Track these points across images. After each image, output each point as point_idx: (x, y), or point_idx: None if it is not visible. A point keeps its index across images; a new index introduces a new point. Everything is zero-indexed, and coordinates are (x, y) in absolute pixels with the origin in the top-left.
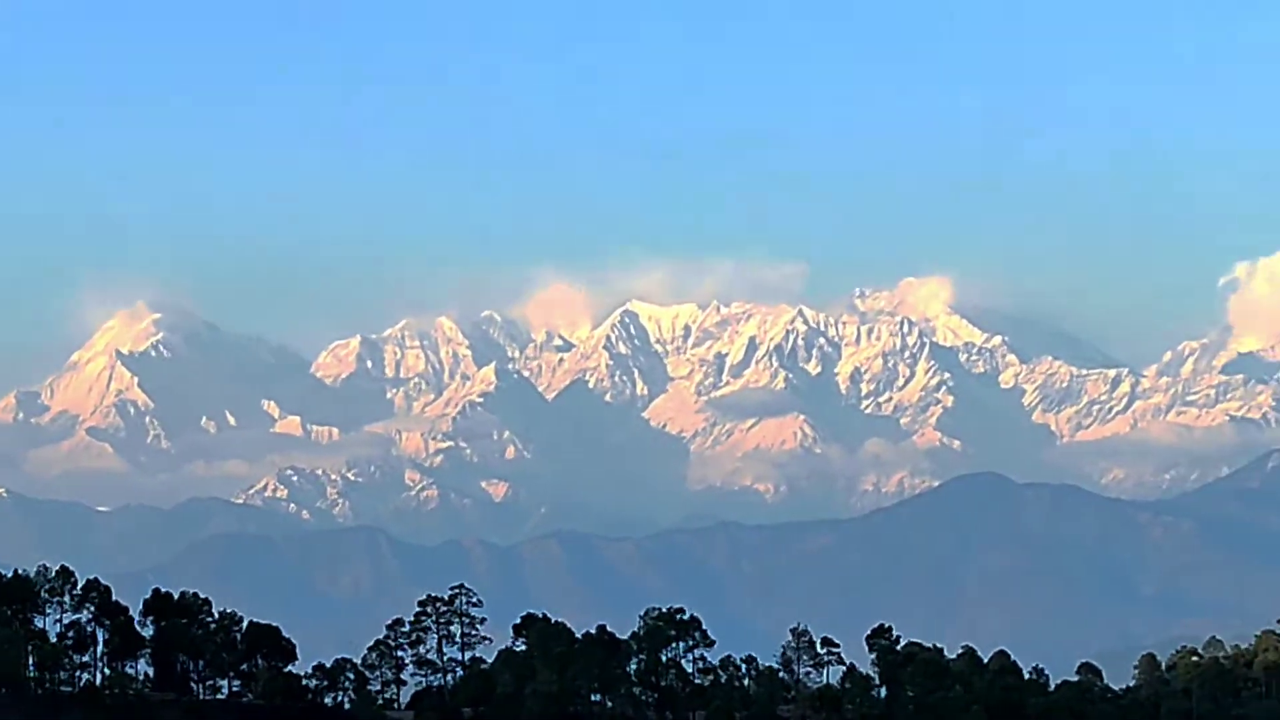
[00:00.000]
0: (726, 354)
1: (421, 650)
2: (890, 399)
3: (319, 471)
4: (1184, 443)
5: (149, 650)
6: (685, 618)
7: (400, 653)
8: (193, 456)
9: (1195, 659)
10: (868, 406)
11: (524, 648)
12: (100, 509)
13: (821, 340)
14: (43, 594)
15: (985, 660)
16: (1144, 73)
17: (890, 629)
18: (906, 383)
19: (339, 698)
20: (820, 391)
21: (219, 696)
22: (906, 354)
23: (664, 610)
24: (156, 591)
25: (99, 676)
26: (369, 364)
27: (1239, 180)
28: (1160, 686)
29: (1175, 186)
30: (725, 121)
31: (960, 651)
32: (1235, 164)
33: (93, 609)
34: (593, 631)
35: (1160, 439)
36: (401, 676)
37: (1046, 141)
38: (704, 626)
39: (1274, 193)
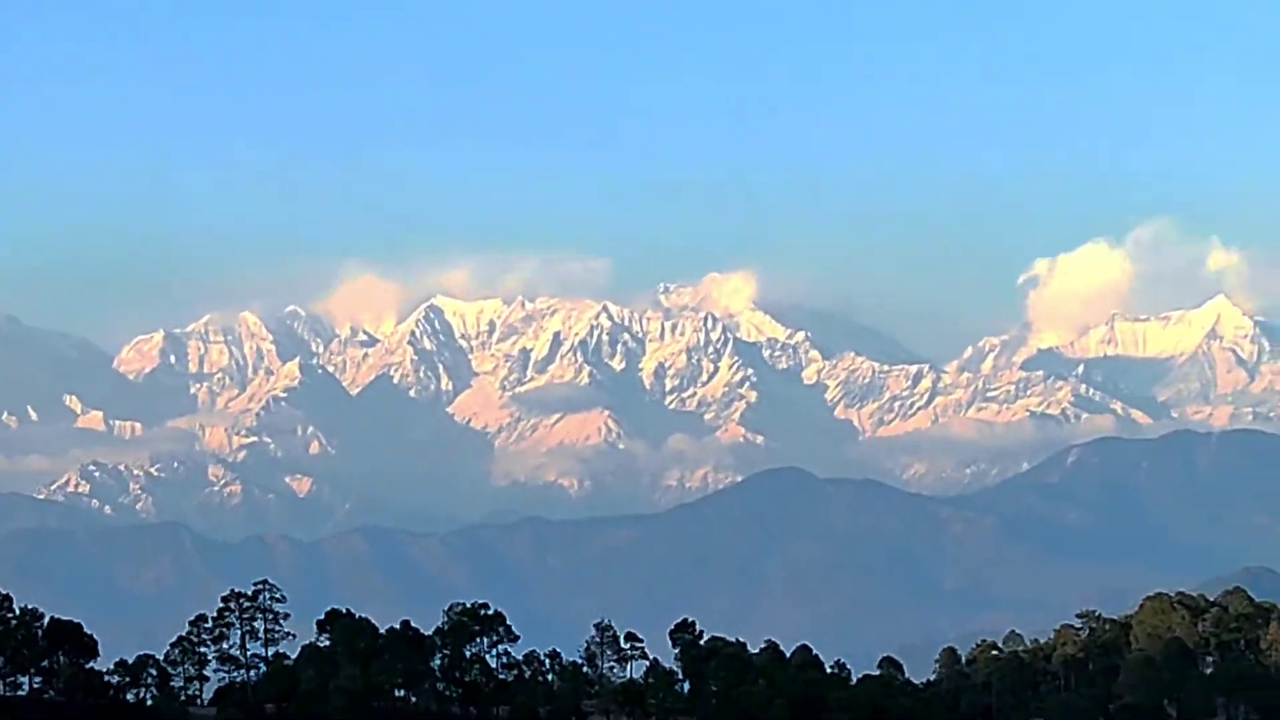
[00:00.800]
0: (531, 350)
1: (225, 646)
2: (694, 395)
3: (122, 467)
4: (985, 438)
5: None
6: (489, 613)
7: (203, 649)
8: None
9: (995, 653)
10: (672, 402)
11: (328, 643)
12: None
13: (626, 336)
14: None
15: (788, 655)
16: (941, 70)
17: (694, 624)
18: (710, 378)
19: (141, 694)
20: (624, 387)
21: (20, 693)
22: (710, 350)
23: (468, 605)
24: None
25: None
26: (172, 359)
27: (1039, 178)
28: (960, 680)
29: (976, 184)
30: (532, 117)
31: (763, 646)
32: (1035, 162)
33: None
34: (397, 627)
35: (961, 434)
36: (204, 673)
37: (847, 139)
38: (508, 622)
39: (1073, 190)
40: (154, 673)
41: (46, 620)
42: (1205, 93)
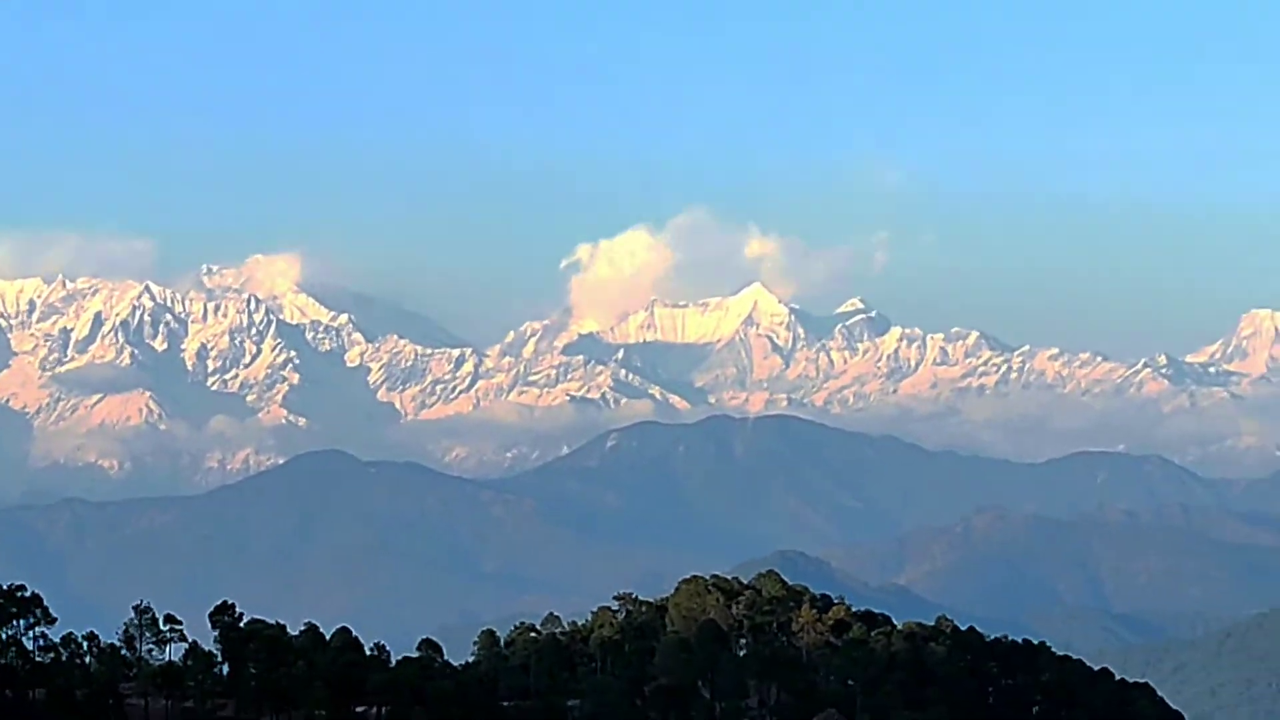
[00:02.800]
0: (72, 330)
1: None
2: (237, 376)
3: None
4: (525, 422)
5: None
6: (26, 595)
7: None
8: None
9: (533, 634)
10: (214, 383)
11: None
12: None
13: (168, 317)
14: None
15: (328, 637)
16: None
17: (233, 606)
18: (253, 360)
19: None
20: (166, 368)
21: None
22: (254, 331)
23: (4, 588)
24: None
25: None
26: None
27: (583, 164)
28: (499, 661)
29: (520, 169)
30: (71, 92)
31: (303, 628)
32: (578, 148)
33: None
34: None
35: (502, 418)
36: None
37: (393, 121)
38: (45, 604)
39: (616, 177)
40: None
41: None
42: (742, 83)
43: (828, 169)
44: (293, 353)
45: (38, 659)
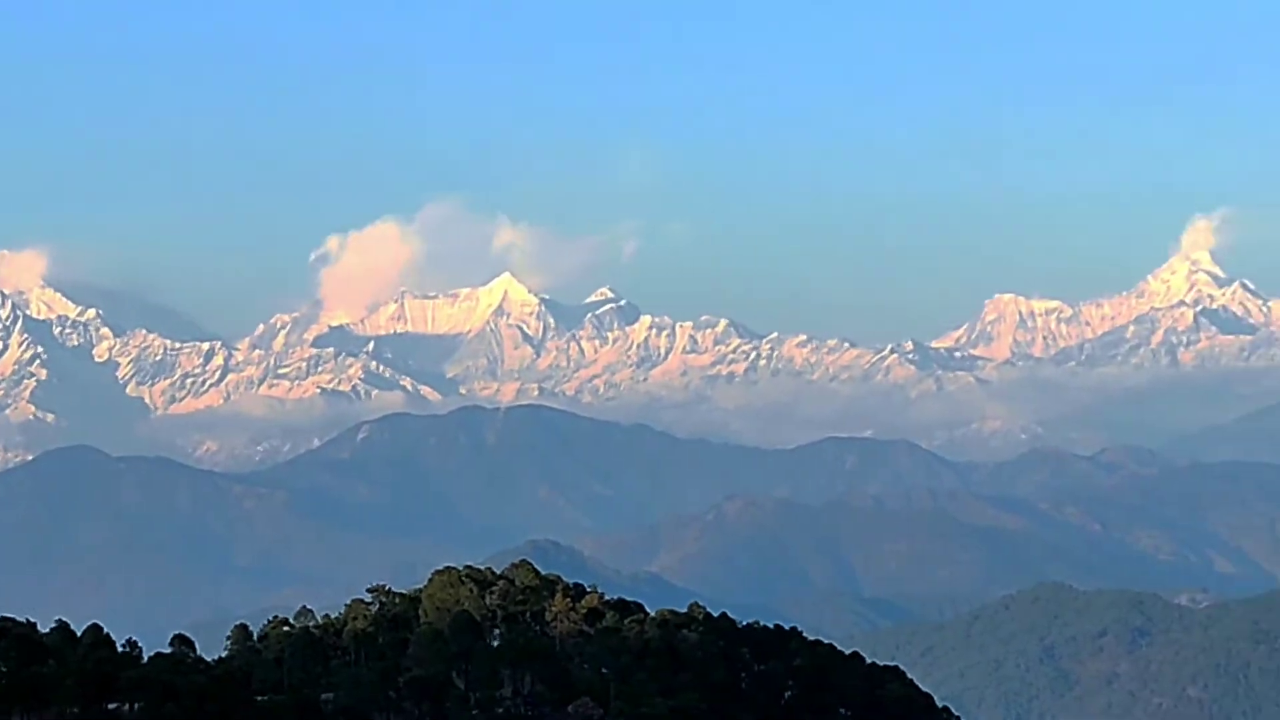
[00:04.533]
0: None
1: None
2: None
3: None
4: (276, 415)
5: None
6: None
7: None
8: None
9: (287, 628)
10: None
11: None
12: None
13: None
14: None
15: (79, 634)
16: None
17: None
18: (0, 356)
19: None
20: None
21: None
22: (0, 328)
23: None
24: None
25: None
26: None
27: (332, 155)
28: (252, 656)
29: (268, 159)
30: None
31: (54, 626)
32: (329, 138)
33: None
34: None
35: (253, 411)
36: None
37: (121, 112)
38: None
39: (365, 167)
40: None
41: None
42: (490, 72)
43: (578, 158)
44: (40, 348)
45: None
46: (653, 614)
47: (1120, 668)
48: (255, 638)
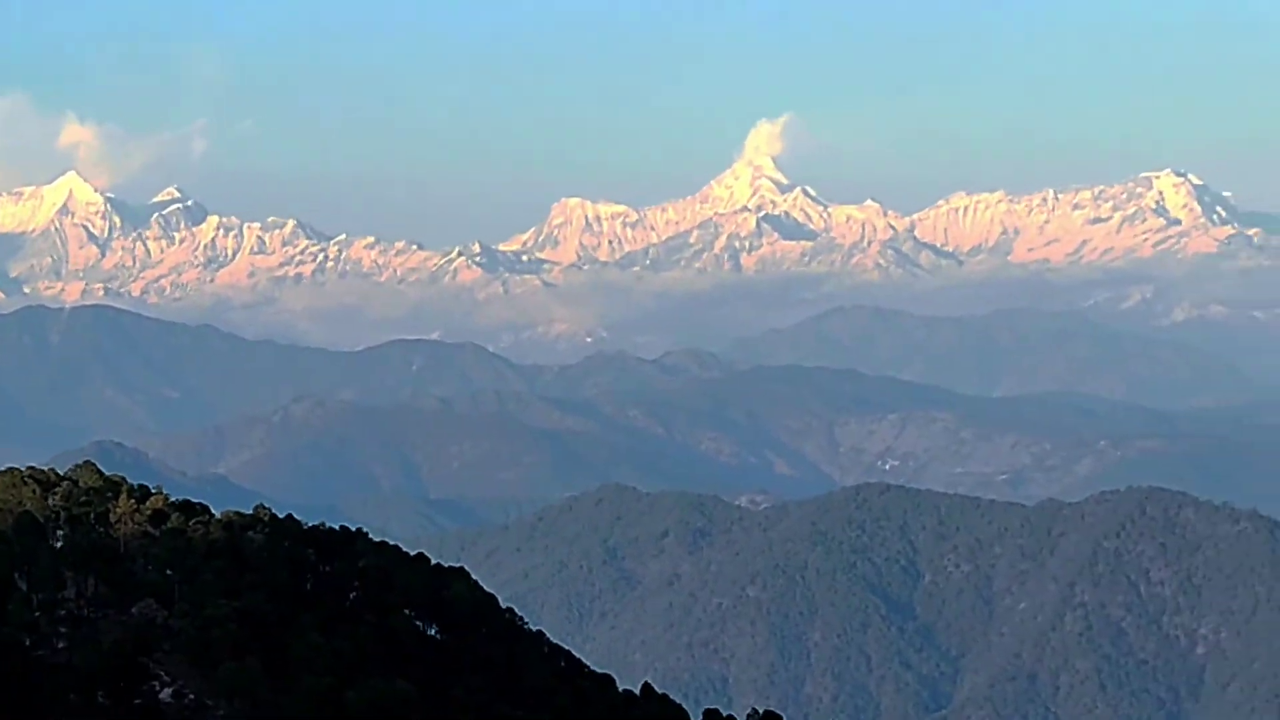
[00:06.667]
0: None
1: None
2: None
3: None
4: None
5: None
6: None
7: None
8: None
9: None
10: None
11: None
12: None
13: None
14: None
15: None
16: None
17: None
18: None
19: None
20: None
21: None
22: None
23: None
24: None
25: None
26: None
27: None
28: None
29: None
30: None
31: None
32: None
33: None
34: None
35: None
36: None
37: None
38: None
39: None
40: None
41: None
42: None
43: (147, 56)
44: None
45: None
46: (218, 515)
47: (682, 568)
48: None
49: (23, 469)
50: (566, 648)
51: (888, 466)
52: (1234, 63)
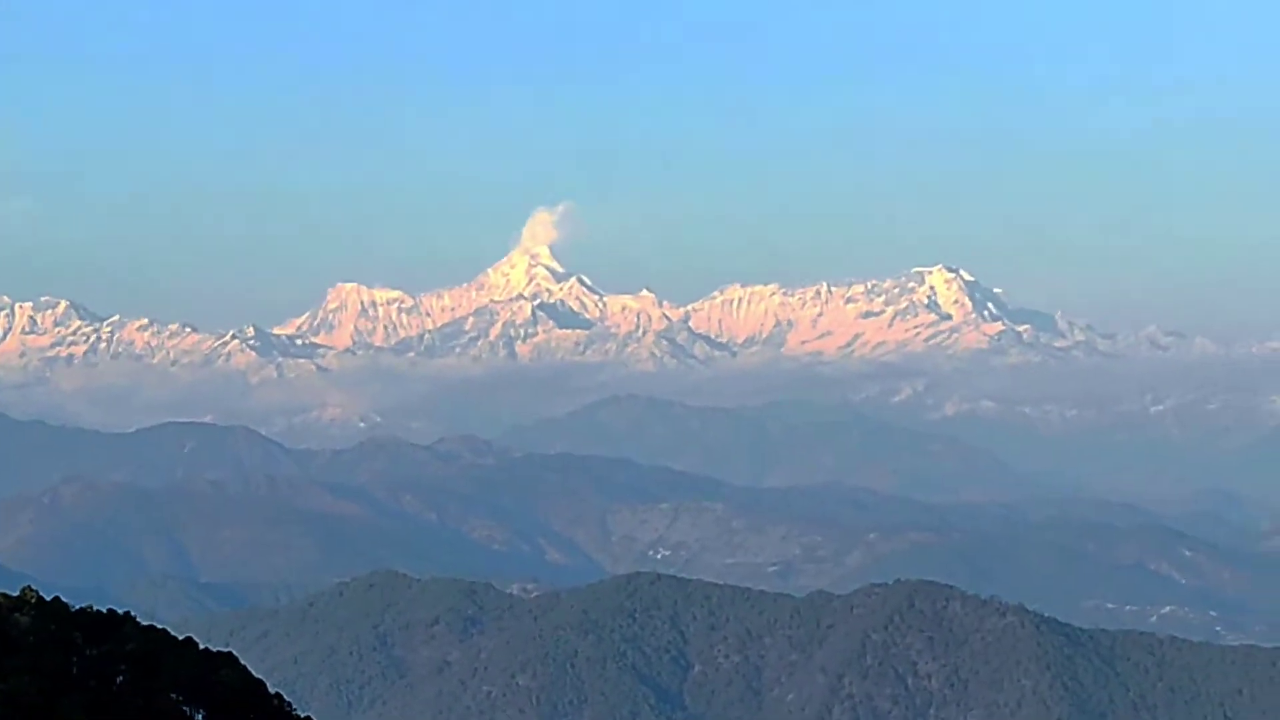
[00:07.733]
0: None
1: None
2: None
3: None
4: None
5: None
6: None
7: None
8: None
9: None
10: None
11: None
12: None
13: None
14: None
15: None
16: None
17: None
18: None
19: None
20: None
21: None
22: None
23: None
24: None
25: None
26: None
27: None
28: None
29: None
30: None
31: None
32: None
33: None
34: None
35: None
36: None
37: None
38: None
39: None
40: None
41: None
42: None
43: None
44: None
45: None
46: None
47: (452, 656)
48: None
49: None
50: None
51: (659, 556)
52: (1006, 162)
